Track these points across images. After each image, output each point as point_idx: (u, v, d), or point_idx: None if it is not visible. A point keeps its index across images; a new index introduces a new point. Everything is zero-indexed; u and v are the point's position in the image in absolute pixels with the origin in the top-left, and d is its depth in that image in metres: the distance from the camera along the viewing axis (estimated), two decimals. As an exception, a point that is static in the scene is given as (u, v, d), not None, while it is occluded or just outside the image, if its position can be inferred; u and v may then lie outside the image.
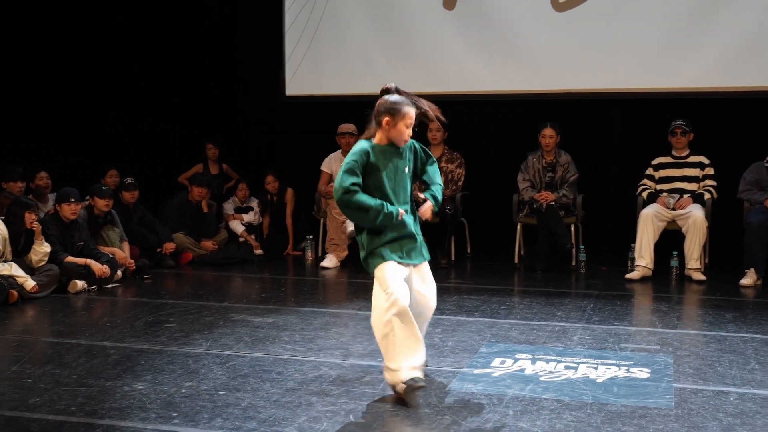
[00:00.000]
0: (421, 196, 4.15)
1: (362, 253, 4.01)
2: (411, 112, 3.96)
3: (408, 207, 4.05)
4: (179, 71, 10.16)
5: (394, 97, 4.00)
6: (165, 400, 3.87)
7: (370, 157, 3.93)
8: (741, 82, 8.26)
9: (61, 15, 9.76)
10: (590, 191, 8.53)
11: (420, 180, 4.24)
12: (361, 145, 3.98)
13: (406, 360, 3.78)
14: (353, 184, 3.85)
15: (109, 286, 6.97)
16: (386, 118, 3.94)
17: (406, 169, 4.05)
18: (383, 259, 3.90)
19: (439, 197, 4.18)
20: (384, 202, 3.89)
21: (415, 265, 4.03)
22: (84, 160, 9.29)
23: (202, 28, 10.08)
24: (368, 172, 3.93)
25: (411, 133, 4.01)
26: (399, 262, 3.92)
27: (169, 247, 8.08)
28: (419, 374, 3.80)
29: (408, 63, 9.14)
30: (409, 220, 4.01)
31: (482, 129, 9.13)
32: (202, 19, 10.09)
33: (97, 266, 6.81)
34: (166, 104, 10.17)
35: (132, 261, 7.44)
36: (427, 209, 4.11)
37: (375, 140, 4.01)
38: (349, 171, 3.87)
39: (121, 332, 5.30)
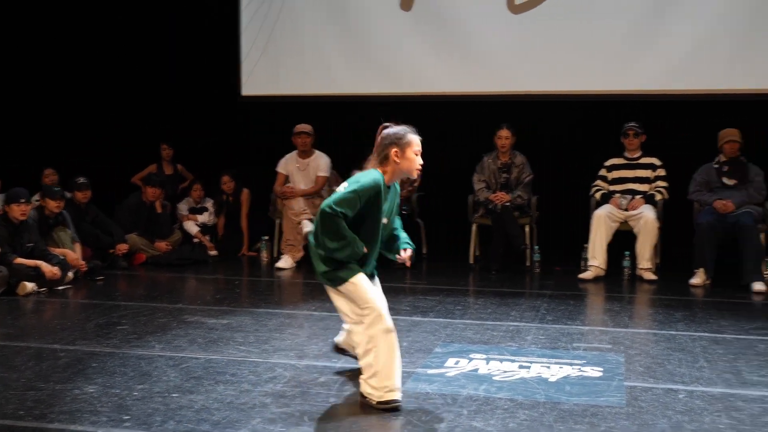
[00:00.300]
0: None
1: (322, 267, 3.81)
2: (417, 139, 3.84)
3: (378, 247, 3.94)
4: (134, 71, 10.05)
5: (395, 128, 3.85)
6: (116, 403, 3.82)
7: (380, 194, 3.77)
8: (691, 86, 8.41)
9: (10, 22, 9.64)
10: (545, 192, 8.61)
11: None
12: (377, 177, 3.77)
13: (393, 380, 3.71)
14: (344, 213, 3.65)
15: (60, 287, 6.87)
16: (394, 150, 3.77)
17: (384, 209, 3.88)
18: (353, 271, 3.77)
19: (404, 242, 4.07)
20: (356, 239, 3.72)
21: None
22: (33, 162, 9.17)
23: (157, 28, 9.99)
24: (368, 207, 3.75)
25: (421, 161, 3.87)
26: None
27: (122, 248, 7.99)
28: (400, 396, 3.74)
29: (365, 63, 9.16)
30: (371, 259, 3.92)
31: (438, 130, 9.15)
32: (160, 18, 9.99)
33: (47, 268, 6.71)
34: (119, 104, 10.07)
35: (83, 263, 7.34)
36: (406, 258, 4.01)
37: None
38: (350, 201, 3.67)
39: (71, 335, 5.22)
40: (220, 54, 9.77)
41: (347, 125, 9.56)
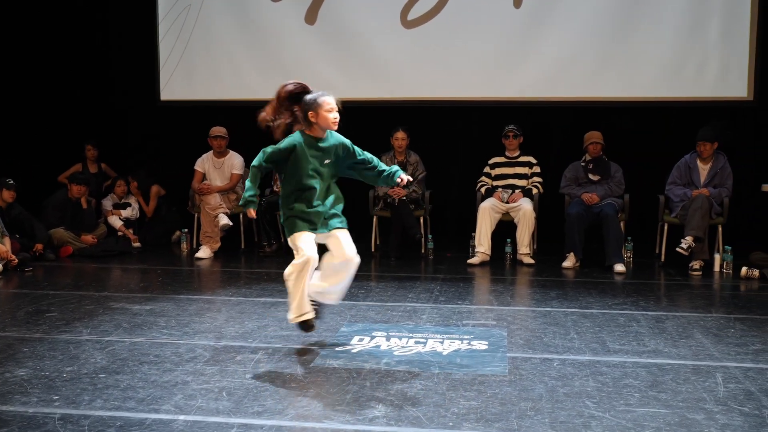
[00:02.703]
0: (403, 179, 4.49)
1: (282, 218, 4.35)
2: (328, 98, 4.30)
3: (326, 189, 4.36)
4: (62, 77, 9.70)
5: (310, 95, 4.30)
6: (46, 384, 3.70)
7: (296, 148, 4.24)
8: (561, 93, 8.64)
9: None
10: (436, 187, 8.71)
11: (358, 162, 4.52)
12: (294, 137, 4.29)
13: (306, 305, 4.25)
14: (261, 163, 4.29)
15: (-10, 279, 6.60)
16: (310, 113, 4.25)
17: (327, 161, 4.32)
18: (296, 229, 4.21)
19: (398, 171, 4.48)
20: (252, 189, 4.29)
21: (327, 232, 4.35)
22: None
23: (83, 38, 9.66)
24: (295, 159, 4.24)
25: (337, 116, 4.31)
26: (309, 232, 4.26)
27: (38, 247, 7.67)
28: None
29: (273, 72, 9.05)
30: (319, 201, 4.30)
31: (340, 132, 9.12)
32: (86, 28, 9.67)
33: (-22, 261, 6.43)
34: (48, 108, 9.71)
35: (13, 255, 7.05)
36: (403, 178, 4.48)
37: (308, 132, 4.31)
38: (270, 154, 4.29)
39: (2, 322, 5.01)
40: (141, 62, 9.52)
41: (258, 127, 9.44)
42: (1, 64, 9.53)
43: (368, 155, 4.54)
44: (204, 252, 7.96)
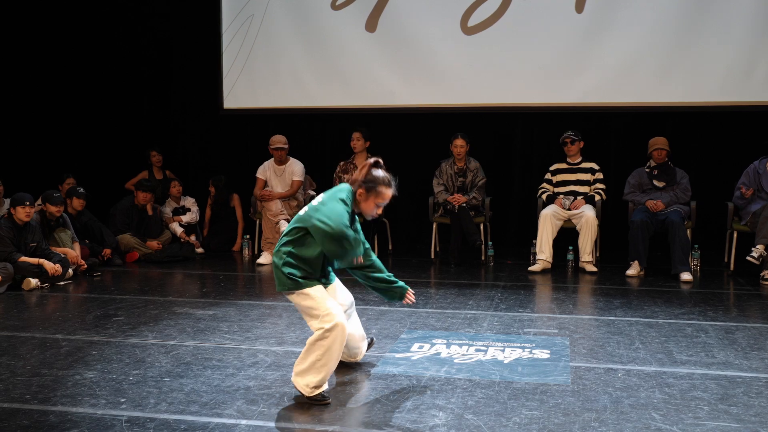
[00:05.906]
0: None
1: (284, 278, 3.64)
2: (387, 192, 3.74)
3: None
4: (129, 88, 9.96)
5: (376, 173, 3.73)
6: (114, 387, 3.78)
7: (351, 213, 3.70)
8: (623, 99, 8.48)
9: (12, 30, 9.48)
10: (497, 194, 8.64)
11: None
12: (346, 208, 3.62)
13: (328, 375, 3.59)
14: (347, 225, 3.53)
15: (61, 283, 6.77)
16: (360, 191, 3.71)
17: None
18: (311, 283, 3.66)
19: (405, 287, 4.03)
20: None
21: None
22: (36, 169, 9.05)
23: (150, 49, 9.89)
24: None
25: (380, 211, 3.82)
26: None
27: (105, 252, 7.86)
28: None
29: (334, 80, 9.14)
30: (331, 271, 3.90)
31: (400, 139, 9.16)
32: (147, 40, 9.89)
33: (49, 265, 6.60)
34: (114, 117, 9.97)
35: (83, 261, 7.24)
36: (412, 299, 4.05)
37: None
38: (347, 215, 3.59)
39: (72, 325, 5.15)
40: (205, 71, 9.69)
41: (318, 134, 9.55)
42: (70, 75, 9.83)
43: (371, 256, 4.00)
44: (265, 258, 8.04)
